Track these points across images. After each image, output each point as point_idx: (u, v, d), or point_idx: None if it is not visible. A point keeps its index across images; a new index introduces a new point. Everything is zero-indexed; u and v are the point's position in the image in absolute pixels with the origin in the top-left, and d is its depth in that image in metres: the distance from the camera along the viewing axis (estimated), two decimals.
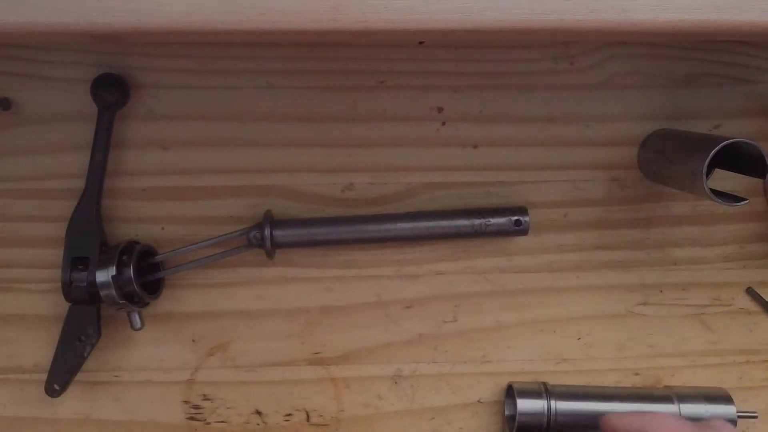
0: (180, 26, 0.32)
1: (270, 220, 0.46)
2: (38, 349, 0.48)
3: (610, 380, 0.51)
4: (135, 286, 0.44)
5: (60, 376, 0.45)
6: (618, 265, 0.50)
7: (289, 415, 0.50)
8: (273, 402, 0.50)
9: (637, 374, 0.51)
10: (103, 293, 0.43)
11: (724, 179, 0.46)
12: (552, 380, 0.50)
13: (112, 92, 0.45)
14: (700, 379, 0.51)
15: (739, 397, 0.50)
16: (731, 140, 0.39)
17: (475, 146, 0.48)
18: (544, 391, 0.48)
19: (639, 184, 0.50)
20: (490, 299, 0.50)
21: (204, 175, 0.47)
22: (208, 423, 0.50)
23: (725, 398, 0.48)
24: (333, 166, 0.48)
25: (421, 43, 0.47)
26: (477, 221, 0.47)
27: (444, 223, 0.47)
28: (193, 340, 0.49)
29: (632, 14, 0.33)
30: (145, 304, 0.47)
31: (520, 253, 0.50)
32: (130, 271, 0.44)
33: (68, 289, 0.44)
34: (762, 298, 0.51)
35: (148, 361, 0.49)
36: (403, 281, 0.50)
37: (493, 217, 0.47)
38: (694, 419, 0.46)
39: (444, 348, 0.50)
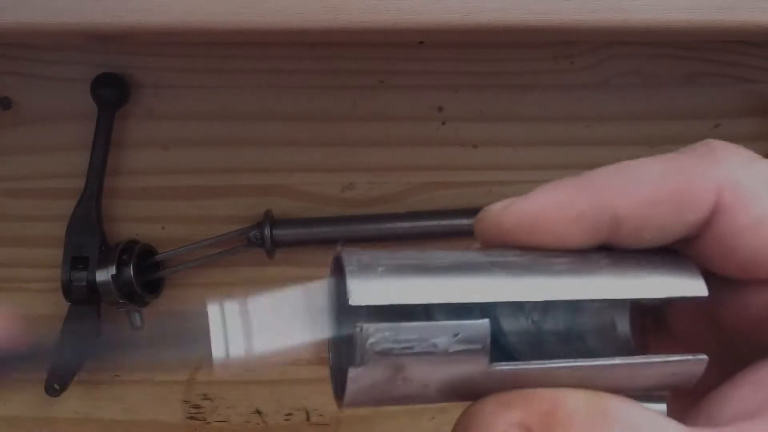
0: (180, 26, 0.32)
1: (270, 220, 0.46)
2: None
3: None
4: (135, 286, 0.44)
5: (60, 376, 0.45)
6: None
7: (290, 414, 0.50)
8: (273, 401, 0.50)
9: None
10: (103, 293, 0.43)
11: None
12: None
13: (112, 92, 0.45)
14: None
15: None
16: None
17: (475, 146, 0.48)
18: None
19: None
20: None
21: (204, 175, 0.47)
22: (208, 422, 0.50)
23: None
24: (333, 165, 0.48)
25: (421, 42, 0.47)
26: None
27: (444, 222, 0.47)
28: None
29: (632, 14, 0.33)
30: (145, 304, 0.47)
31: None
32: (130, 271, 0.44)
33: (68, 289, 0.44)
34: None
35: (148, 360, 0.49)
36: None
37: None
38: None
39: None
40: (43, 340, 0.17)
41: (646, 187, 0.17)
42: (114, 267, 0.43)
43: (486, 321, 0.16)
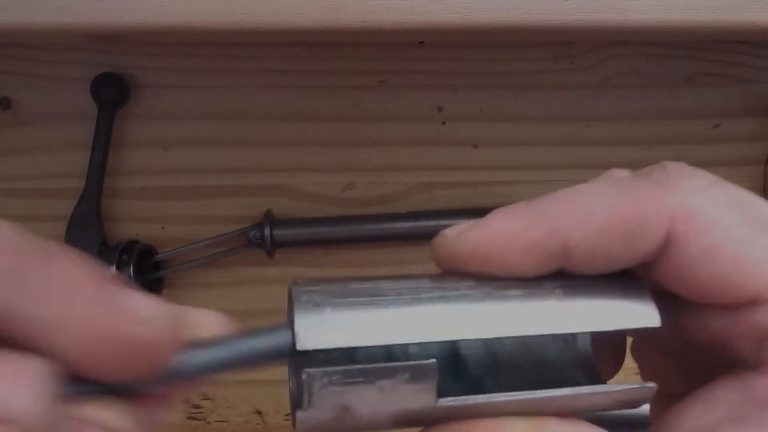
0: (180, 26, 0.32)
1: (270, 220, 0.46)
2: None
3: (614, 378, 0.51)
4: (135, 286, 0.44)
5: None
6: None
7: (290, 414, 0.50)
8: (273, 402, 0.50)
9: (636, 373, 0.51)
10: None
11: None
12: None
13: (112, 92, 0.45)
14: None
15: None
16: None
17: (475, 146, 0.48)
18: None
19: None
20: None
21: (204, 174, 0.47)
22: (208, 422, 0.50)
23: None
24: (333, 165, 0.48)
25: (421, 42, 0.47)
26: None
27: (444, 222, 0.47)
28: None
29: (632, 14, 0.33)
30: None
31: None
32: (130, 271, 0.44)
33: None
34: None
35: None
36: None
37: None
38: None
39: None
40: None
41: (597, 216, 0.17)
42: (114, 267, 0.43)
43: (433, 362, 0.16)
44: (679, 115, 0.49)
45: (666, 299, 0.18)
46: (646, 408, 0.21)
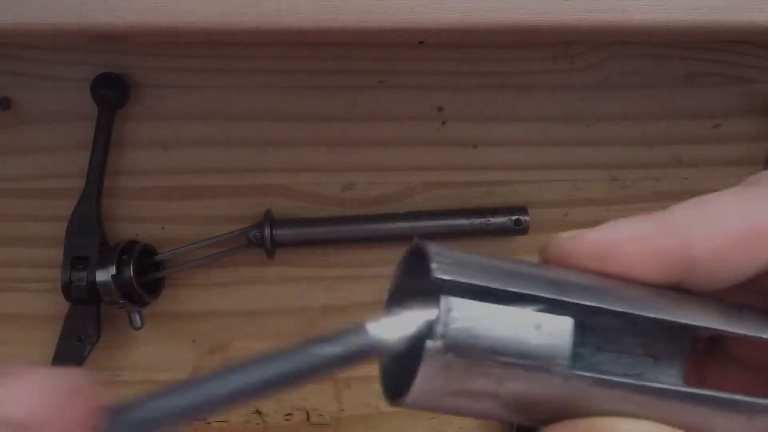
0: (180, 26, 0.32)
1: (270, 220, 0.46)
2: (38, 349, 0.48)
3: None
4: (135, 286, 0.44)
5: None
6: None
7: (289, 414, 0.50)
8: (273, 401, 0.50)
9: None
10: (103, 292, 0.43)
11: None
12: None
13: (112, 92, 0.45)
14: None
15: None
16: None
17: (475, 146, 0.48)
18: None
19: (639, 184, 0.50)
20: None
21: (204, 174, 0.47)
22: (208, 422, 0.50)
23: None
24: (333, 165, 0.48)
25: (421, 42, 0.47)
26: (477, 220, 0.47)
27: (444, 222, 0.47)
28: (194, 340, 0.49)
29: (632, 14, 0.33)
30: (145, 304, 0.47)
31: (519, 252, 0.50)
32: (130, 271, 0.44)
33: (68, 289, 0.44)
34: None
35: (148, 360, 0.49)
36: None
37: (492, 216, 0.47)
38: None
39: None
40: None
41: (726, 228, 0.17)
42: (114, 267, 0.43)
43: (569, 318, 0.16)
44: (679, 115, 0.49)
45: None
46: None
